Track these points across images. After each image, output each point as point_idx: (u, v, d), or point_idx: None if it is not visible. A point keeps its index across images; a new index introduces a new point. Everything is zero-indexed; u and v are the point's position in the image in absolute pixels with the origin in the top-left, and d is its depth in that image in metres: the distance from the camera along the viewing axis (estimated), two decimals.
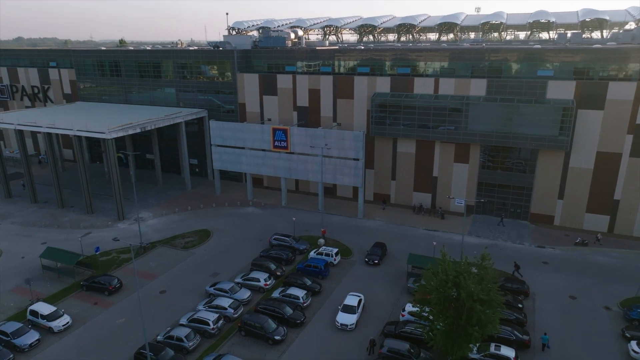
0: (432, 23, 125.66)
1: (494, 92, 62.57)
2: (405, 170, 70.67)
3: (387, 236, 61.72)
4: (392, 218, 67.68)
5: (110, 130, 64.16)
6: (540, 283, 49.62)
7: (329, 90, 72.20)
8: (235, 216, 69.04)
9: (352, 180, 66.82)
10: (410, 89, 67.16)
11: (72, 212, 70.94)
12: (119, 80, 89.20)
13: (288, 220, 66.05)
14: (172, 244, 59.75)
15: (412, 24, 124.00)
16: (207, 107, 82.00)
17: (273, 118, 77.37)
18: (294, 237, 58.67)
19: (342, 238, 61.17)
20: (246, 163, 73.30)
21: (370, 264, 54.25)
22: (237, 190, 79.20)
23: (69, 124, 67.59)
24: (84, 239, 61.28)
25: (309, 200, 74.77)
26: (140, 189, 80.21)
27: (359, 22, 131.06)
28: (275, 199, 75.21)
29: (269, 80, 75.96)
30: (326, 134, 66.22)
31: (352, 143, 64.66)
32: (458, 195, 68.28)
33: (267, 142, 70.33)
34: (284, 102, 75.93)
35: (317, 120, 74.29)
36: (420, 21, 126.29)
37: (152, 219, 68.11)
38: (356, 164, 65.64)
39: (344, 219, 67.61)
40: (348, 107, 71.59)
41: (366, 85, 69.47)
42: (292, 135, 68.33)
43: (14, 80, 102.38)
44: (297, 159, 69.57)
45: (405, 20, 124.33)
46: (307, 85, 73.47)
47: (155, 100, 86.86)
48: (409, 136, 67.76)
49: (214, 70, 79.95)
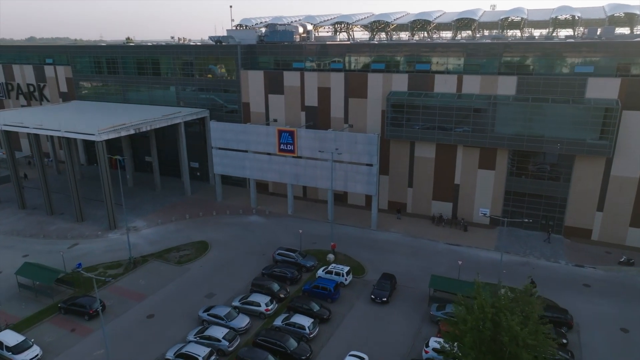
0: (448, 19, 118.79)
1: (524, 90, 55.89)
2: (424, 176, 64.22)
3: (404, 251, 55.36)
4: (409, 230, 61.28)
5: (100, 132, 58.61)
6: (584, 311, 42.90)
7: (340, 88, 66.01)
8: (236, 226, 63.13)
9: (365, 188, 60.54)
10: (430, 87, 60.71)
11: (61, 219, 65.55)
12: (117, 78, 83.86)
13: (294, 231, 59.99)
14: (166, 258, 53.97)
15: (427, 20, 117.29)
16: (209, 106, 76.27)
17: (279, 119, 71.38)
18: (300, 252, 52.56)
19: (354, 253, 54.94)
20: (249, 168, 67.37)
21: (377, 301, 44.60)
22: (240, 197, 73.33)
23: (60, 124, 62.17)
24: (69, 251, 55.83)
25: (318, 208, 68.64)
26: (136, 195, 74.75)
27: (371, 19, 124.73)
28: (281, 206, 69.20)
29: (275, 77, 69.99)
30: (337, 136, 60.05)
31: (366, 147, 58.40)
32: (483, 205, 61.67)
33: (272, 145, 64.35)
34: (291, 101, 69.93)
35: (326, 122, 68.14)
36: (436, 17, 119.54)
37: (146, 229, 62.42)
38: (370, 170, 59.37)
39: (355, 231, 61.36)
40: (361, 107, 65.34)
41: (381, 83, 63.17)
42: (299, 138, 62.27)
43: (9, 78, 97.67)
44: (305, 164, 63.48)
45: (419, 17, 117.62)
46: (317, 83, 67.35)
47: (155, 100, 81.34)
48: (428, 139, 61.30)
49: (216, 67, 74.13)
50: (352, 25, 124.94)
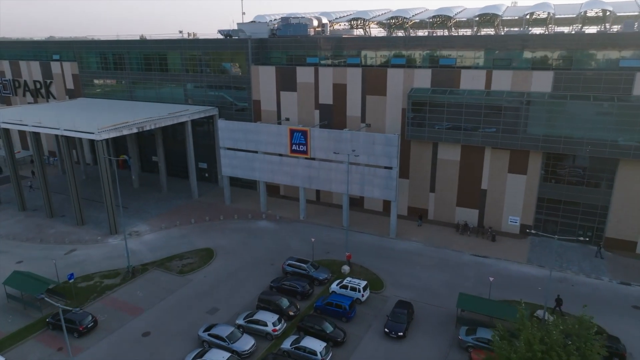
0: (469, 15, 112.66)
1: (562, 87, 50.54)
2: (448, 181, 59.16)
3: (426, 262, 50.45)
4: (431, 238, 56.30)
5: (100, 131, 54.89)
6: (637, 339, 37.56)
7: (357, 85, 61.33)
8: (244, 232, 58.88)
9: (384, 193, 55.75)
10: (455, 83, 55.66)
11: (60, 222, 62.08)
12: (123, 74, 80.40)
13: (306, 238, 55.53)
14: (167, 267, 49.93)
15: (448, 15, 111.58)
16: (218, 104, 72.25)
17: (292, 117, 66.98)
18: (312, 263, 48.01)
19: (371, 264, 50.22)
20: (259, 170, 63.08)
21: (392, 336, 37.86)
22: (250, 200, 69.10)
23: (62, 122, 58.69)
24: (65, 258, 52.23)
25: (332, 213, 64.03)
26: (141, 196, 71.08)
27: (388, 15, 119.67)
28: (293, 211, 64.76)
29: (287, 73, 65.60)
30: (353, 136, 55.39)
31: (385, 148, 53.63)
32: (512, 212, 56.40)
33: (283, 145, 59.96)
34: (304, 99, 65.47)
35: (342, 121, 63.52)
36: (457, 13, 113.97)
37: (149, 234, 58.53)
38: (389, 174, 54.55)
39: (372, 239, 56.60)
40: (379, 105, 60.56)
41: (402, 80, 58.31)
42: (312, 138, 57.78)
43: (16, 74, 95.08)
44: (319, 166, 58.94)
45: (439, 12, 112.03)
46: (332, 79, 62.76)
47: (163, 97, 77.65)
48: (452, 140, 56.25)
49: (226, 62, 70.02)
50: (368, 21, 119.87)
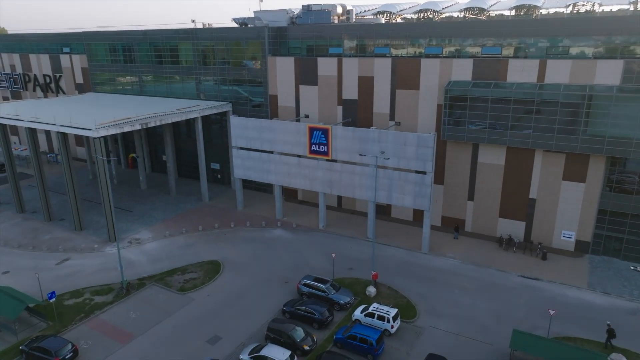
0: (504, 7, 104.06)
1: (634, 79, 42.40)
2: (489, 188, 51.48)
3: (465, 284, 42.99)
4: (469, 254, 48.77)
5: (98, 127, 49.27)
6: None
7: (385, 78, 54.19)
8: (257, 242, 52.43)
9: (416, 201, 48.48)
10: (501, 75, 47.97)
11: (58, 227, 56.86)
12: (133, 67, 75.10)
13: (325, 251, 48.79)
14: (167, 283, 43.81)
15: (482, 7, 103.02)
16: (232, 100, 66.09)
17: (311, 114, 60.26)
18: (332, 284, 41.14)
19: (401, 285, 43.06)
20: (275, 172, 56.56)
21: None
22: (265, 205, 62.65)
23: (59, 118, 53.45)
24: (56, 269, 46.75)
25: (355, 222, 57.03)
26: (147, 199, 65.49)
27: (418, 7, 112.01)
28: (311, 218, 58.03)
29: (307, 65, 58.90)
30: (381, 136, 48.31)
31: (418, 150, 46.40)
32: (567, 226, 48.39)
33: (302, 145, 53.30)
34: (326, 93, 58.65)
35: (368, 118, 56.48)
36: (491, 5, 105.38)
37: (151, 242, 52.67)
38: (422, 179, 47.29)
39: (402, 253, 49.40)
40: (411, 100, 53.29)
41: (437, 71, 50.92)
42: (334, 138, 50.94)
43: (26, 68, 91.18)
44: (341, 170, 52.06)
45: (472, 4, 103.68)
46: (357, 71, 55.77)
47: (173, 92, 72.04)
48: (496, 141, 48.55)
49: (240, 53, 63.78)
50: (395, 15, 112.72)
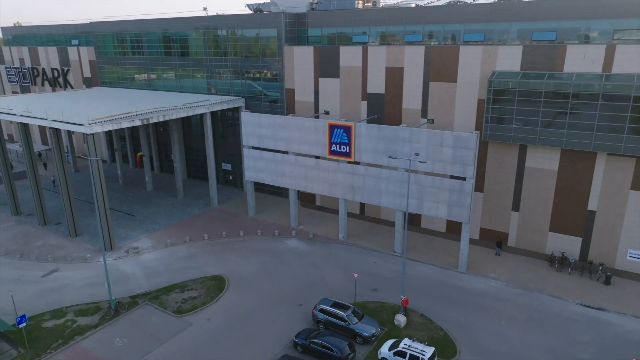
0: None
1: None
2: (539, 197, 44.06)
3: (514, 313, 35.82)
4: (515, 275, 41.51)
5: (92, 122, 43.85)
6: None
7: (417, 69, 47.33)
8: (268, 254, 46.24)
9: (453, 212, 41.47)
10: (557, 64, 40.59)
11: (52, 232, 51.82)
12: (142, 59, 69.97)
13: (346, 267, 42.29)
14: (162, 302, 37.92)
15: None
16: (246, 94, 60.14)
17: (332, 111, 53.78)
18: (354, 310, 34.56)
19: (436, 312, 36.19)
20: (290, 175, 50.30)
21: None
22: (279, 210, 56.46)
23: (52, 112, 48.39)
24: (42, 282, 41.48)
25: (380, 232, 50.31)
26: (152, 202, 60.09)
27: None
28: (330, 227, 51.56)
29: (328, 55, 52.44)
30: (413, 135, 41.50)
31: (457, 151, 39.44)
32: (634, 244, 40.67)
33: (321, 145, 46.90)
34: (348, 87, 52.11)
35: (396, 115, 49.71)
36: None
37: (150, 251, 47.03)
38: (461, 186, 40.29)
39: (435, 272, 42.46)
40: (447, 95, 46.29)
41: (479, 61, 43.81)
42: (358, 137, 44.36)
43: (35, 62, 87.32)
44: (365, 173, 45.45)
45: None
46: (384, 61, 49.04)
47: (183, 86, 66.57)
48: (550, 143, 41.14)
49: (254, 43, 57.73)
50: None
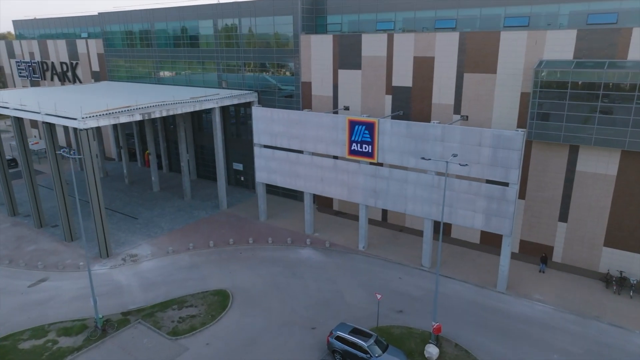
0: None
1: None
2: (592, 206, 38.01)
3: (566, 345, 30.01)
4: (565, 298, 35.60)
5: (86, 117, 39.54)
6: None
7: (450, 58, 41.74)
8: (279, 265, 41.27)
9: (492, 223, 35.80)
10: (620, 51, 34.55)
11: (47, 236, 47.90)
12: (150, 52, 65.90)
13: (366, 283, 37.03)
14: (157, 321, 33.28)
15: None
16: (259, 88, 55.40)
17: (353, 106, 48.56)
18: (377, 339, 29.27)
19: (473, 342, 30.63)
20: (304, 177, 45.26)
21: None
22: (292, 215, 51.52)
23: (45, 106, 44.38)
24: (27, 292, 37.33)
25: (405, 242, 44.87)
26: (157, 204, 55.83)
27: None
28: (349, 236, 46.35)
29: (349, 44, 47.23)
30: (446, 133, 36.01)
31: (499, 152, 33.82)
32: None
33: (339, 144, 41.73)
34: (371, 79, 46.79)
35: (424, 111, 44.20)
36: None
37: (149, 260, 42.55)
38: (503, 193, 34.61)
39: (469, 291, 36.84)
40: (484, 88, 40.58)
41: (523, 49, 37.99)
42: (382, 134, 39.07)
43: (44, 55, 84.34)
44: (389, 176, 40.10)
45: None
46: (412, 50, 43.57)
47: (193, 80, 62.20)
48: (608, 144, 35.11)
49: (267, 31, 52.88)
50: None
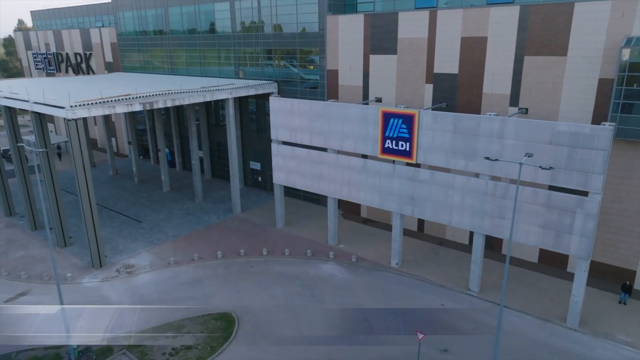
0: None
1: None
2: None
3: None
4: None
5: (75, 105, 34.02)
6: None
7: (507, 38, 34.34)
8: (296, 283, 34.78)
9: (563, 242, 28.28)
10: None
11: (40, 240, 42.88)
12: (164, 39, 60.60)
13: (402, 312, 30.08)
14: (146, 354, 27.22)
15: None
16: (280, 78, 49.15)
17: (386, 98, 41.63)
18: None
19: None
20: (328, 179, 38.63)
21: None
22: (314, 222, 44.96)
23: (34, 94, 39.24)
24: (3, 308, 32.01)
25: (447, 259, 37.66)
26: (165, 206, 50.30)
27: None
28: (380, 248, 39.44)
29: (383, 25, 40.32)
30: (507, 128, 28.74)
31: (577, 153, 26.36)
32: None
33: (370, 140, 34.96)
34: (408, 66, 39.75)
35: (473, 102, 36.90)
36: None
37: (147, 272, 36.76)
38: (580, 205, 27.09)
39: (531, 325, 29.40)
40: (550, 73, 33.02)
41: (604, 23, 30.30)
42: (422, 129, 32.09)
43: (59, 47, 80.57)
44: (431, 180, 33.06)
45: None
46: (460, 30, 36.35)
47: (208, 70, 56.52)
48: None
49: (288, 12, 46.47)
50: None
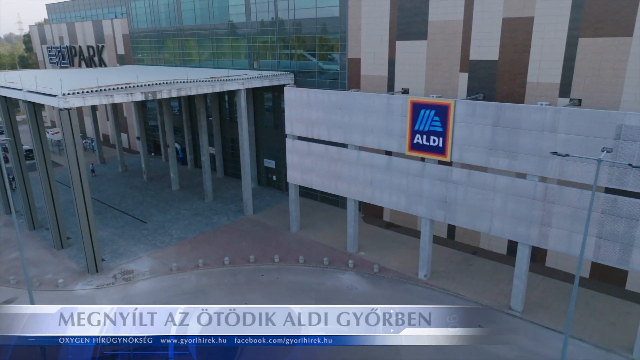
0: None
1: None
2: None
3: None
4: None
5: (68, 93, 30.73)
6: None
7: (558, 17, 29.62)
8: (311, 296, 30.74)
9: (636, 257, 23.57)
10: None
11: (37, 240, 39.95)
12: (176, 29, 57.43)
13: None
14: None
15: None
16: (297, 69, 45.24)
17: (414, 89, 37.23)
18: None
19: None
20: (349, 178, 34.47)
21: None
22: (332, 226, 40.85)
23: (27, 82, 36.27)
24: None
25: (482, 271, 33.08)
26: (172, 205, 46.99)
27: None
28: (406, 257, 35.10)
29: (411, 7, 35.96)
30: (561, 119, 24.17)
31: None
32: None
33: (396, 135, 30.68)
34: (440, 52, 35.27)
35: (515, 93, 32.22)
36: None
37: (146, 279, 33.28)
38: None
39: (590, 356, 24.70)
40: (611, 58, 28.18)
41: None
42: (459, 122, 27.68)
43: (73, 40, 78.57)
44: (468, 181, 28.59)
45: None
46: (501, 10, 31.74)
47: (220, 64, 53.06)
48: None
49: None
50: None
